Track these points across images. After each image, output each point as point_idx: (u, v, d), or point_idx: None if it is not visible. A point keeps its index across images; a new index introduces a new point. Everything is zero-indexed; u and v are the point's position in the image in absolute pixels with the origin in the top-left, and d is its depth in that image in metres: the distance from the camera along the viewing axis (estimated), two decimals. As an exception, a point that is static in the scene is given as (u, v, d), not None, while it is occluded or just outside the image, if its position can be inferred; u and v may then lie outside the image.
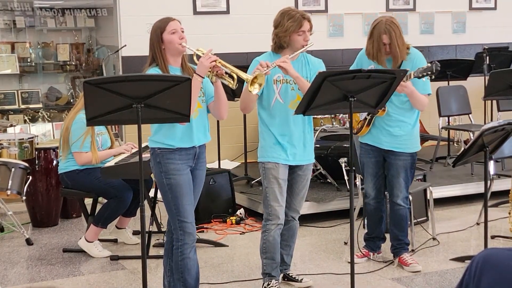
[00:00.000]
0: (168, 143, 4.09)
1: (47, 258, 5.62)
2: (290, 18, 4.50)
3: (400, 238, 5.19)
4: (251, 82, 4.06)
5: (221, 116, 4.28)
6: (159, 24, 4.18)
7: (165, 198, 4.16)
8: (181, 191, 4.11)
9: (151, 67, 4.14)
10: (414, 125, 5.03)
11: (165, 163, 4.11)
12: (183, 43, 4.13)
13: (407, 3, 9.04)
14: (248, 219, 6.57)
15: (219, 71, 4.08)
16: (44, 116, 8.48)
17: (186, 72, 4.18)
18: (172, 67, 4.16)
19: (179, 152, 4.11)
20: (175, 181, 4.11)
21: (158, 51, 4.14)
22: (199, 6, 8.02)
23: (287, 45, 4.53)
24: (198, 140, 4.17)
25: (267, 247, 4.63)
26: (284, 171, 4.57)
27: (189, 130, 4.10)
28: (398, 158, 5.01)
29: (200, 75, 4.04)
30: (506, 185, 6.69)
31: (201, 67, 4.04)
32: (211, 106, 4.24)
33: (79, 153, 5.58)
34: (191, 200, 4.18)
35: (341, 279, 4.99)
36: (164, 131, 4.09)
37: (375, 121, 5.02)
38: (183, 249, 4.15)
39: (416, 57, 4.98)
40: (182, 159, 4.12)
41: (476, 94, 8.42)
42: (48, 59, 8.92)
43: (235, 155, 8.14)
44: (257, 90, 4.11)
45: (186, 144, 4.12)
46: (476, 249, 5.62)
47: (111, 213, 5.61)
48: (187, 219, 4.13)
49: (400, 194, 5.07)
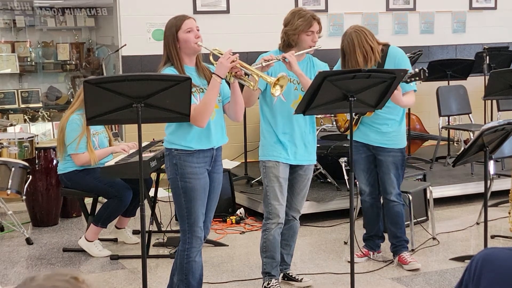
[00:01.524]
0: (186, 145, 3.98)
1: (47, 258, 5.62)
2: (301, 18, 4.52)
3: (398, 235, 5.19)
4: (274, 84, 3.97)
5: (237, 118, 4.16)
6: (174, 22, 4.05)
7: (178, 201, 4.07)
8: (195, 195, 4.02)
9: (166, 67, 4.01)
10: (401, 122, 5.07)
11: (182, 165, 3.99)
12: (199, 42, 4.01)
13: (407, 2, 9.03)
14: (248, 218, 6.57)
15: (238, 72, 3.97)
16: (44, 115, 8.48)
17: (201, 72, 4.07)
18: (187, 67, 4.04)
19: (197, 154, 4.00)
20: (191, 185, 4.01)
21: (173, 50, 4.00)
22: (199, 5, 8.02)
23: (295, 44, 4.54)
24: (217, 141, 4.08)
25: (267, 246, 4.63)
26: (285, 170, 4.57)
27: (207, 131, 3.99)
28: (388, 154, 5.04)
29: (219, 76, 3.92)
30: (506, 185, 6.69)
31: (220, 68, 3.91)
32: (226, 107, 4.13)
33: (75, 154, 5.57)
34: (203, 204, 4.08)
35: (341, 279, 4.99)
36: (182, 132, 3.98)
37: (363, 119, 5.04)
38: (190, 252, 4.10)
39: (397, 56, 4.96)
40: (200, 162, 4.02)
41: (476, 94, 8.42)
42: (48, 58, 8.93)
43: (235, 154, 8.13)
44: (279, 92, 4.00)
45: (204, 145, 4.01)
46: (475, 248, 5.62)
47: (111, 212, 5.60)
48: (197, 224, 4.07)
49: (392, 190, 5.09)
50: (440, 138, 8.11)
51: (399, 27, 9.01)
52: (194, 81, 4.00)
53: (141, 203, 3.87)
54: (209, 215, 4.21)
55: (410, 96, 4.95)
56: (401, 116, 5.07)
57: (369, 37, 4.89)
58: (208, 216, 4.21)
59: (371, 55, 4.86)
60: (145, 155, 5.21)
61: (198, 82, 4.04)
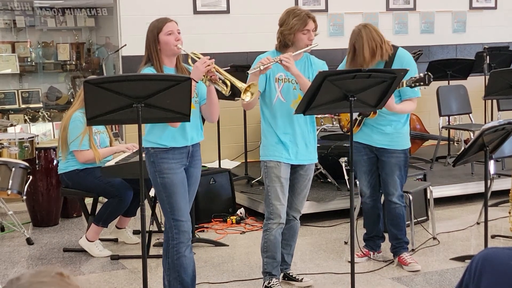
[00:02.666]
0: (161, 143, 4.11)
1: (47, 258, 5.62)
2: (296, 17, 4.52)
3: (399, 237, 5.19)
4: (244, 90, 4.07)
5: (212, 119, 4.30)
6: (156, 24, 4.19)
7: (160, 197, 4.18)
8: (175, 190, 4.12)
9: (146, 67, 4.15)
10: (405, 123, 5.06)
11: (158, 162, 4.12)
12: (179, 45, 4.14)
13: (407, 2, 9.03)
14: (248, 218, 6.57)
15: (213, 77, 4.09)
16: (45, 115, 8.48)
17: (180, 72, 4.19)
18: (166, 68, 4.17)
19: (173, 151, 4.12)
20: (169, 180, 4.12)
21: (153, 51, 4.15)
22: (199, 5, 8.02)
23: (291, 44, 4.54)
24: (192, 139, 4.18)
25: (268, 246, 4.64)
26: (286, 170, 4.58)
27: (182, 130, 4.11)
28: (391, 155, 5.03)
29: (194, 80, 4.02)
30: (506, 185, 6.69)
31: (196, 72, 4.05)
32: (203, 108, 4.25)
33: (79, 151, 5.57)
34: (185, 199, 4.18)
35: (341, 279, 4.99)
36: (157, 131, 4.11)
37: (366, 120, 5.04)
38: (179, 247, 4.16)
39: (404, 59, 4.96)
40: (176, 158, 4.13)
41: (476, 94, 8.41)
42: (48, 58, 8.92)
43: (235, 154, 8.14)
44: (249, 98, 4.09)
45: (179, 143, 4.13)
46: (476, 248, 5.62)
47: (111, 212, 5.60)
48: (181, 218, 4.14)
49: (395, 192, 5.08)
50: (441, 138, 8.11)
51: (399, 27, 9.01)
52: None
53: (142, 203, 3.88)
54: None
55: (409, 104, 4.94)
56: (405, 117, 5.06)
57: (377, 34, 4.90)
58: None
59: (379, 52, 4.87)
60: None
61: None
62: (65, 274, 1.61)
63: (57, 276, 1.59)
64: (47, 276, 1.59)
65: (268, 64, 4.29)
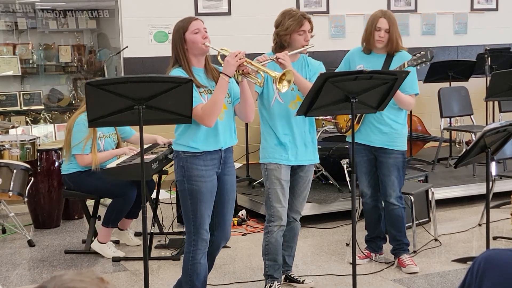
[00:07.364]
0: (192, 146, 3.98)
1: (49, 260, 5.62)
2: (291, 18, 4.52)
3: (398, 239, 5.19)
4: (279, 79, 3.90)
5: (247, 118, 4.13)
6: (181, 24, 4.05)
7: (184, 202, 4.06)
8: (202, 198, 4.01)
9: (174, 68, 4.02)
10: (404, 124, 5.07)
11: (188, 168, 3.99)
12: (207, 42, 4.00)
13: (409, 4, 9.04)
14: (249, 220, 6.57)
15: (245, 70, 3.95)
16: (46, 117, 8.49)
17: (210, 73, 4.06)
18: (195, 68, 4.03)
19: (204, 157, 3.99)
20: (197, 188, 3.99)
21: (181, 51, 4.01)
22: (200, 7, 8.02)
23: (287, 45, 4.54)
24: (225, 142, 4.05)
25: (270, 248, 4.63)
26: (286, 172, 4.57)
27: (214, 131, 3.98)
28: (389, 156, 5.03)
29: (227, 75, 3.90)
30: (508, 186, 6.70)
31: (227, 67, 3.89)
32: (236, 108, 4.11)
33: (80, 155, 5.57)
34: (210, 207, 4.06)
35: (343, 280, 4.99)
36: (189, 133, 3.98)
37: (365, 119, 5.03)
38: (195, 254, 4.09)
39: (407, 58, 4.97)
40: (207, 165, 4.01)
41: (477, 95, 8.41)
42: (50, 60, 8.94)
43: (236, 156, 8.12)
44: (286, 88, 3.93)
45: (211, 147, 4.00)
46: (478, 250, 5.62)
47: (118, 212, 5.59)
48: (203, 226, 4.05)
49: (393, 193, 5.08)
50: (442, 140, 8.11)
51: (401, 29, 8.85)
52: (202, 82, 4.02)
53: (143, 205, 3.87)
54: (227, 218, 4.20)
55: (409, 97, 4.95)
56: (404, 118, 5.07)
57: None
58: (227, 219, 4.20)
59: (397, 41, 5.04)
60: (147, 157, 5.22)
61: (206, 83, 4.04)
62: (105, 280, 1.69)
63: (97, 280, 1.68)
64: (88, 277, 1.67)
65: (265, 61, 4.24)
